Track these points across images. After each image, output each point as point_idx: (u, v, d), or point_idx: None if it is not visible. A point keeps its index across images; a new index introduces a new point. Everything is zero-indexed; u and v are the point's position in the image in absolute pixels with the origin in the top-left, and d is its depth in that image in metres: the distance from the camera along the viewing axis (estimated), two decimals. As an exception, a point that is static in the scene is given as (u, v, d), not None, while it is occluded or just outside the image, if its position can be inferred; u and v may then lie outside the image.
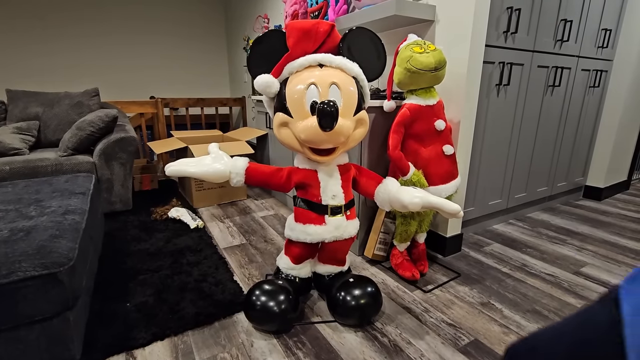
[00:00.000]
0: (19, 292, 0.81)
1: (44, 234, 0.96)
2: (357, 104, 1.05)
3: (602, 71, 2.18)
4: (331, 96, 0.99)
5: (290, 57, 1.04)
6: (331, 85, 1.00)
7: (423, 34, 1.56)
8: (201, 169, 1.06)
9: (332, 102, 0.93)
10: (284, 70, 1.06)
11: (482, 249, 1.68)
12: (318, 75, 1.01)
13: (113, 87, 3.79)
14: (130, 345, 1.03)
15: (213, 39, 4.25)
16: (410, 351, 1.02)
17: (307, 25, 1.03)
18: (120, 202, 2.08)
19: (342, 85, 1.01)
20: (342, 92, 1.00)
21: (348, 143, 1.07)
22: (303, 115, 1.00)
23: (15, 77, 3.33)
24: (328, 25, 1.04)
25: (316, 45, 1.05)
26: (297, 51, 1.04)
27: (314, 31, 1.03)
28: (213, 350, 1.03)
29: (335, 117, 0.93)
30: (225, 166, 1.08)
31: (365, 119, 1.08)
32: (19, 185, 1.44)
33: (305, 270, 1.23)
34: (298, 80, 1.02)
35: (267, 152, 2.56)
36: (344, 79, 1.02)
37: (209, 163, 1.08)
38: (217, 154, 1.12)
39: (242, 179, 1.10)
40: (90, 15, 3.54)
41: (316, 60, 1.03)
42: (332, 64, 1.03)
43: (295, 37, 1.03)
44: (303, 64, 1.03)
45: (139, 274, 1.41)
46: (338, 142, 1.01)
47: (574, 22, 1.87)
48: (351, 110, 1.03)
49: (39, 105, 2.29)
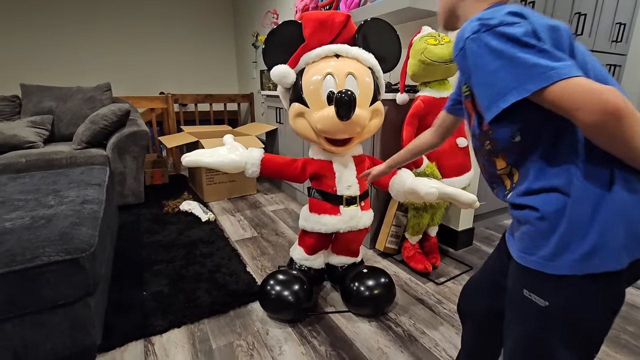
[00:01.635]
0: (43, 276, 0.82)
1: (64, 221, 0.98)
2: (373, 95, 1.05)
3: (616, 66, 2.15)
4: (348, 86, 0.99)
5: (307, 48, 1.05)
6: (348, 76, 1.00)
7: (438, 26, 1.55)
8: (217, 159, 1.07)
9: (349, 92, 0.93)
10: (300, 61, 1.06)
11: (493, 243, 1.67)
12: (334, 65, 1.01)
13: (124, 83, 3.83)
14: (148, 332, 1.05)
15: (222, 35, 4.27)
16: (425, 340, 1.03)
17: (323, 16, 1.03)
18: (132, 195, 2.10)
19: (358, 76, 1.01)
20: (358, 82, 1.01)
21: (363, 134, 1.07)
22: (320, 105, 1.00)
23: (30, 71, 3.38)
24: (344, 16, 1.04)
25: (332, 35, 1.05)
26: (313, 42, 1.04)
27: (330, 22, 1.03)
28: (229, 338, 1.04)
29: (353, 106, 0.94)
30: (241, 157, 1.09)
31: (381, 110, 1.08)
32: (36, 177, 1.47)
33: (319, 261, 1.24)
34: (315, 70, 1.02)
35: (276, 147, 2.57)
36: (360, 70, 1.03)
37: (225, 154, 1.09)
38: (233, 144, 1.12)
39: (257, 169, 1.10)
40: (103, 13, 3.58)
41: (332, 50, 1.04)
42: (349, 55, 1.04)
43: (312, 27, 1.03)
44: (320, 55, 1.04)
45: (153, 265, 1.43)
46: (354, 132, 1.01)
47: (588, 15, 1.85)
48: (367, 101, 1.03)
49: (52, 100, 2.32)
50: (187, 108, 4.07)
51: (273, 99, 2.52)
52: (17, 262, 0.80)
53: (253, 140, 2.37)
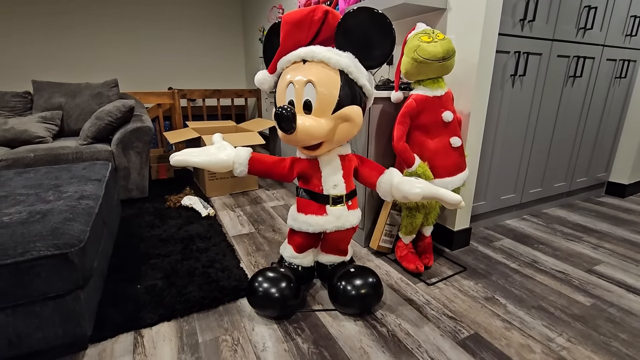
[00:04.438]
0: (33, 269, 0.86)
1: (58, 217, 1.02)
2: (342, 100, 1.00)
3: (630, 61, 2.06)
4: (306, 95, 0.99)
5: (283, 52, 1.04)
6: (306, 84, 0.99)
7: (434, 23, 1.52)
8: (205, 159, 1.08)
9: (287, 107, 0.92)
10: (278, 66, 1.06)
11: (491, 244, 1.64)
12: (296, 73, 1.00)
13: (134, 79, 3.91)
14: (139, 325, 1.09)
15: (229, 30, 4.29)
16: (408, 342, 1.03)
17: (300, 15, 1.00)
18: (136, 189, 2.16)
19: (317, 83, 0.98)
20: (317, 90, 0.98)
21: (333, 140, 1.04)
22: None
23: (41, 68, 3.48)
24: (322, 11, 1.00)
25: (311, 35, 1.02)
26: (288, 45, 1.02)
27: (308, 20, 1.00)
28: (216, 333, 1.07)
29: (292, 120, 0.93)
30: (229, 157, 1.10)
31: (350, 115, 1.02)
32: (41, 172, 1.52)
33: (308, 259, 1.25)
34: (282, 78, 1.04)
35: (278, 142, 2.58)
36: (322, 76, 0.98)
37: (213, 153, 1.10)
38: (221, 144, 1.14)
39: (245, 169, 1.12)
40: (111, 11, 3.65)
41: (300, 55, 1.01)
42: (315, 59, 1.00)
43: (285, 30, 1.00)
44: (290, 60, 1.03)
45: (150, 258, 1.47)
46: (308, 141, 1.00)
47: (599, 8, 1.77)
48: (327, 109, 0.99)
49: (62, 96, 2.40)
50: (195, 103, 4.13)
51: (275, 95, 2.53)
52: (9, 255, 0.84)
53: (255, 136, 2.38)
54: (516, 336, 1.05)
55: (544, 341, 1.03)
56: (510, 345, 1.01)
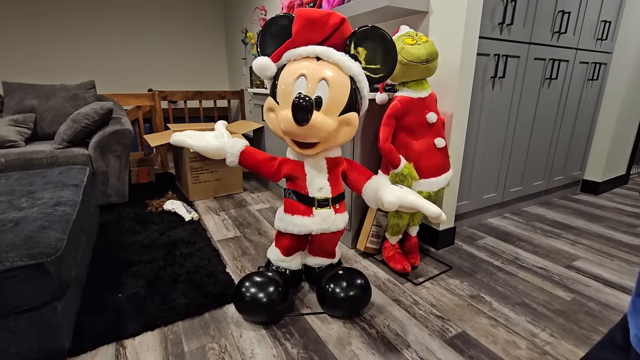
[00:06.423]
0: (6, 281, 0.81)
1: (32, 225, 0.97)
2: (348, 105, 1.01)
3: (601, 64, 2.15)
4: (318, 91, 0.98)
5: (292, 44, 1.03)
6: (320, 81, 0.98)
7: (417, 25, 1.54)
8: (200, 143, 1.10)
9: (307, 97, 0.91)
10: (283, 56, 1.05)
11: (475, 242, 1.68)
12: (311, 68, 0.99)
13: (112, 80, 3.79)
14: (121, 335, 1.05)
15: (211, 31, 4.22)
16: (397, 342, 1.03)
17: (316, 14, 1.00)
18: (116, 194, 2.09)
19: (331, 83, 0.98)
20: (330, 89, 0.98)
21: (329, 141, 1.04)
22: (287, 104, 0.99)
23: (12, 69, 3.33)
24: (339, 19, 1.01)
25: (323, 36, 1.02)
26: (300, 39, 1.02)
27: (322, 22, 1.01)
28: (202, 341, 1.04)
29: (310, 111, 0.92)
30: (223, 145, 1.12)
31: (352, 121, 1.04)
32: (13, 177, 1.45)
33: (296, 262, 1.24)
34: (291, 69, 1.01)
35: (262, 145, 2.56)
36: (337, 77, 1.00)
37: (209, 139, 1.12)
38: (220, 132, 1.15)
39: (235, 159, 1.13)
40: (87, 7, 3.52)
41: (315, 52, 1.01)
42: (330, 59, 1.01)
43: (300, 24, 1.01)
44: (301, 54, 1.02)
45: (132, 266, 1.42)
46: (316, 137, 1.00)
47: (572, 13, 1.85)
48: (336, 109, 1.00)
49: (35, 98, 2.29)
50: (177, 105, 4.04)
51: (259, 96, 2.50)
52: (-21, 267, 0.79)
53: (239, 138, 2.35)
54: (502, 333, 1.07)
55: (528, 337, 1.05)
56: (496, 342, 1.03)
